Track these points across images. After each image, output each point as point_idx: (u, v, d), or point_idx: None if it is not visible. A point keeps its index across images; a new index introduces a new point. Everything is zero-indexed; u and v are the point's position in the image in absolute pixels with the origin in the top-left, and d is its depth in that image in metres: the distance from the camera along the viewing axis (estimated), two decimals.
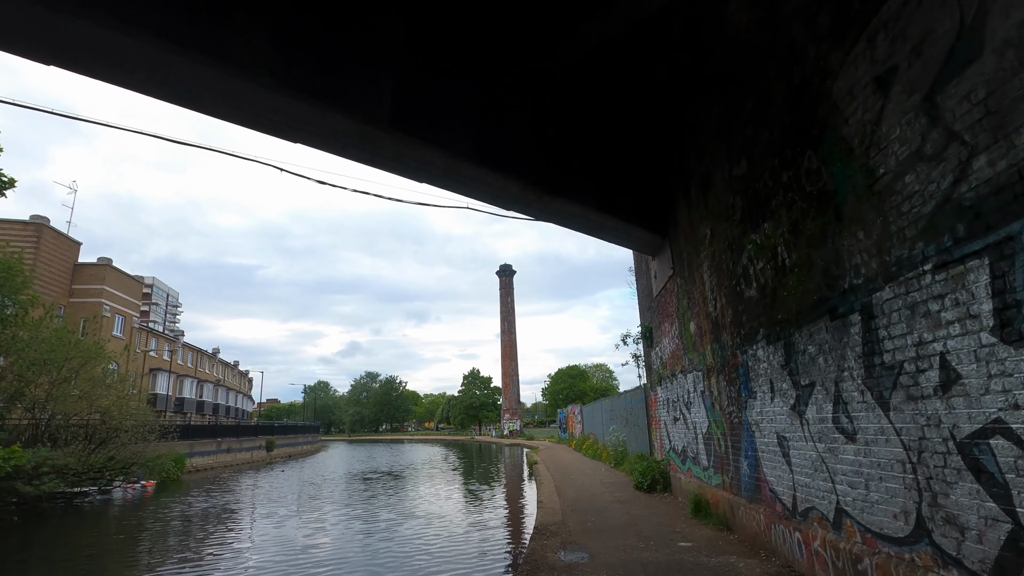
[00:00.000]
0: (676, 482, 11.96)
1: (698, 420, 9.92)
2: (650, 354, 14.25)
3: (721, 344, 8.33)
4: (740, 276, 7.29)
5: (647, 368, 14.93)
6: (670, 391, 12.13)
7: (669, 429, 12.49)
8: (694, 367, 10.00)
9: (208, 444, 36.85)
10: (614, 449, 20.15)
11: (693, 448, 10.40)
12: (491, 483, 21.98)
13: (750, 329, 7.08)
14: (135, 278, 40.79)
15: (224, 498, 19.73)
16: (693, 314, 9.80)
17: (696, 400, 9.98)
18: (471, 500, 16.73)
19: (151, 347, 43.15)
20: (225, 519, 15.04)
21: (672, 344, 11.64)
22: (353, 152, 7.33)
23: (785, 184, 5.83)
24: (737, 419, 7.78)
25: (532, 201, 9.29)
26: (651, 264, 13.26)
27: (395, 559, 9.45)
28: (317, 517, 14.43)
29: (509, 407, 74.38)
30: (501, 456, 42.38)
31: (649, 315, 14.05)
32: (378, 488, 21.20)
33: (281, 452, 49.14)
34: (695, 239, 9.37)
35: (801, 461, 5.81)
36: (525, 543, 9.58)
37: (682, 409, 11.12)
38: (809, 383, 5.53)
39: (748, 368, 7.23)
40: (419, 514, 14.16)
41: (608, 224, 10.42)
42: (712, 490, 9.15)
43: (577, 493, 13.74)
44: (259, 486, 24.02)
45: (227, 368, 69.53)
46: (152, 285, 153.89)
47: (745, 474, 7.55)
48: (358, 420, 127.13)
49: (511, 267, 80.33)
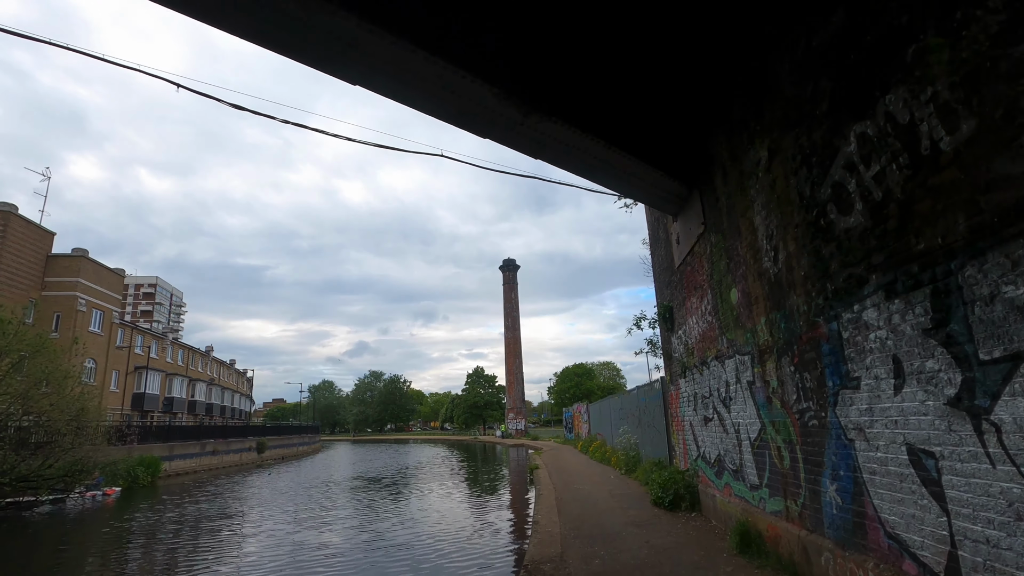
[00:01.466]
0: (708, 500, 9.40)
1: (743, 421, 7.37)
2: (670, 340, 11.69)
3: (785, 312, 5.77)
4: (828, 201, 4.74)
5: (665, 357, 12.36)
6: (698, 384, 9.57)
7: (697, 432, 9.94)
8: (736, 350, 7.45)
9: (191, 446, 34.62)
10: (625, 453, 17.59)
11: (734, 458, 7.84)
12: (484, 493, 19.48)
13: (848, 280, 4.52)
14: (115, 271, 38.61)
15: (190, 508, 17.35)
16: (736, 278, 7.24)
17: (740, 394, 7.42)
18: (455, 517, 14.24)
19: (126, 342, 40.95)
20: (173, 535, 12.65)
21: (702, 324, 9.08)
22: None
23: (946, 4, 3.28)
24: (816, 420, 5.22)
25: (517, 122, 6.77)
26: (671, 227, 10.70)
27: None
28: (273, 535, 12.00)
29: (513, 406, 71.85)
30: (501, 458, 39.95)
31: (669, 292, 11.49)
32: (355, 498, 18.75)
33: (274, 454, 46.93)
34: (740, 173, 6.82)
35: (973, 497, 3.26)
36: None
37: (716, 407, 8.57)
38: (1005, 357, 2.97)
39: (842, 342, 4.67)
40: (387, 538, 11.68)
41: (617, 163, 7.87)
42: (767, 518, 6.59)
43: (581, 509, 11.21)
44: (236, 493, 21.64)
45: (222, 367, 67.46)
46: (156, 285, 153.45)
47: (832, 503, 4.99)
48: (362, 420, 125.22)
49: (515, 261, 77.77)
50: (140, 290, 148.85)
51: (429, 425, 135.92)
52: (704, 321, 8.92)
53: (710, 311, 8.56)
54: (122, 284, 39.45)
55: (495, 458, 40.60)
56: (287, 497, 20.10)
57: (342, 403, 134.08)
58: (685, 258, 9.78)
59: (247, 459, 41.65)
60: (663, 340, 12.48)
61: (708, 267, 8.48)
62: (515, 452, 45.23)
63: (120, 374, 41.12)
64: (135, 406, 42.93)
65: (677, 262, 10.40)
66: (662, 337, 12.67)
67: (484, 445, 60.38)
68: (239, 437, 42.41)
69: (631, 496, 12.59)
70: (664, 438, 13.58)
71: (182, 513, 16.43)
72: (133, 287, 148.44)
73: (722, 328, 8.01)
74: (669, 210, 10.06)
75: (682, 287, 10.28)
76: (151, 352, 46.95)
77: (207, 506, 17.87)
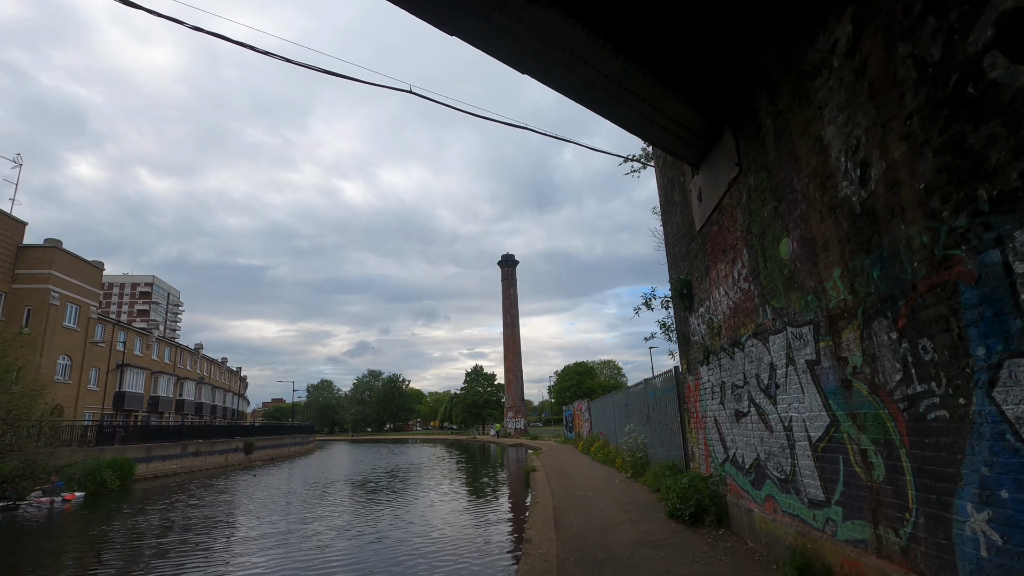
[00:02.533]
0: (740, 515, 7.57)
1: (798, 415, 5.54)
2: (687, 321, 9.86)
3: (882, 254, 3.95)
4: (981, 53, 2.91)
5: (681, 342, 10.53)
6: (727, 371, 7.75)
7: (724, 430, 8.11)
8: (788, 321, 5.62)
9: (171, 447, 32.85)
10: (631, 455, 15.76)
11: (781, 464, 6.02)
12: (474, 499, 17.67)
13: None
14: (93, 263, 36.77)
15: (150, 517, 15.54)
16: (790, 223, 5.42)
17: (793, 379, 5.60)
18: (436, 530, 12.42)
19: (107, 338, 39.17)
20: (117, 552, 10.82)
21: (733, 294, 7.26)
22: None
23: None
24: (946, 411, 3.40)
25: (494, 7, 4.94)
26: (691, 185, 8.88)
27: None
28: (230, 551, 10.18)
29: (513, 404, 70.00)
30: (498, 459, 38.15)
31: (686, 264, 9.67)
32: (331, 506, 16.93)
33: (263, 455, 45.16)
34: (798, 76, 4.98)
35: None
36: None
37: (754, 398, 6.75)
38: None
39: (1012, 280, 2.84)
40: (348, 561, 9.87)
41: (628, 81, 6.04)
42: (840, 549, 4.76)
43: (583, 522, 9.39)
44: (209, 498, 19.83)
45: (213, 365, 65.65)
46: (152, 284, 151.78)
47: (978, 541, 3.16)
48: (360, 419, 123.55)
49: (513, 257, 75.89)
50: (136, 289, 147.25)
51: (429, 424, 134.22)
52: (737, 291, 7.10)
53: (746, 276, 6.73)
54: (100, 277, 37.63)
55: (492, 459, 38.82)
56: (259, 503, 18.33)
57: (340, 403, 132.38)
58: (710, 216, 7.95)
59: (233, 460, 39.88)
60: (678, 322, 10.64)
61: (744, 220, 6.65)
62: (513, 452, 43.45)
63: (100, 372, 39.32)
64: (116, 405, 41.14)
65: (699, 224, 8.57)
66: (676, 319, 10.84)
67: (482, 445, 58.63)
68: (225, 437, 40.63)
69: (641, 505, 10.77)
70: (678, 437, 11.75)
71: (135, 524, 14.63)
72: (129, 286, 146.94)
73: (764, 295, 6.19)
74: (689, 158, 8.22)
75: (704, 255, 8.45)
76: (135, 349, 45.18)
77: (170, 515, 16.07)
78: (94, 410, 38.49)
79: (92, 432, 27.54)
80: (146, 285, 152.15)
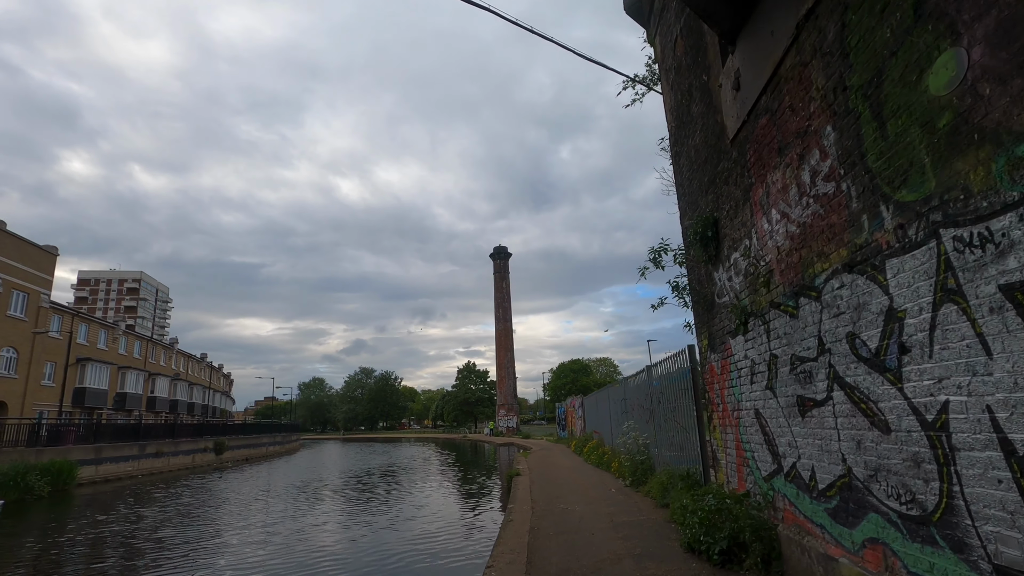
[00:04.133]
0: (808, 563, 4.86)
1: (972, 397, 2.85)
2: (711, 277, 7.16)
3: None
4: None
5: (699, 309, 7.82)
6: (785, 337, 5.06)
7: (774, 427, 5.43)
8: (953, 216, 2.94)
9: (126, 447, 30.03)
10: (630, 458, 13.06)
11: (912, 487, 3.33)
12: (440, 514, 15.00)
13: None
14: (45, 248, 33.82)
15: (64, 534, 12.77)
16: (962, 18, 2.74)
17: (965, 328, 2.91)
18: (382, 559, 9.74)
19: (66, 330, 36.26)
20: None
21: (799, 213, 4.57)
22: None
23: None
24: None
25: None
26: (722, 75, 6.19)
27: None
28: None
29: (505, 402, 67.28)
30: (485, 459, 35.51)
31: (710, 197, 6.96)
32: (279, 516, 14.21)
33: (236, 455, 42.35)
34: None
35: None
36: None
37: (842, 373, 4.07)
38: None
39: None
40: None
41: None
42: None
43: (567, 558, 6.68)
44: (152, 506, 17.06)
45: (191, 361, 62.64)
46: (140, 280, 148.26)
47: None
48: (351, 417, 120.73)
49: (506, 249, 73.13)
50: (124, 285, 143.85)
51: (423, 423, 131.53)
52: (808, 204, 4.40)
53: (829, 171, 4.04)
54: (54, 263, 34.67)
55: (478, 460, 36.20)
56: (204, 511, 15.65)
57: (332, 401, 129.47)
58: (756, 104, 5.24)
59: (202, 461, 37.10)
60: (696, 283, 7.93)
61: (828, 77, 3.96)
62: (504, 451, 40.84)
63: (56, 366, 36.41)
64: (76, 402, 38.24)
65: (734, 127, 5.87)
66: (693, 279, 8.12)
67: (472, 444, 55.97)
68: (192, 437, 37.81)
69: (645, 529, 8.08)
70: (693, 437, 9.05)
71: (29, 544, 11.88)
72: (116, 283, 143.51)
73: (876, 190, 3.50)
74: (723, 21, 5.52)
75: (743, 171, 5.76)
76: (99, 342, 42.27)
77: (89, 532, 13.29)
78: (49, 407, 35.62)
79: (44, 431, 24.65)
80: (133, 281, 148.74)
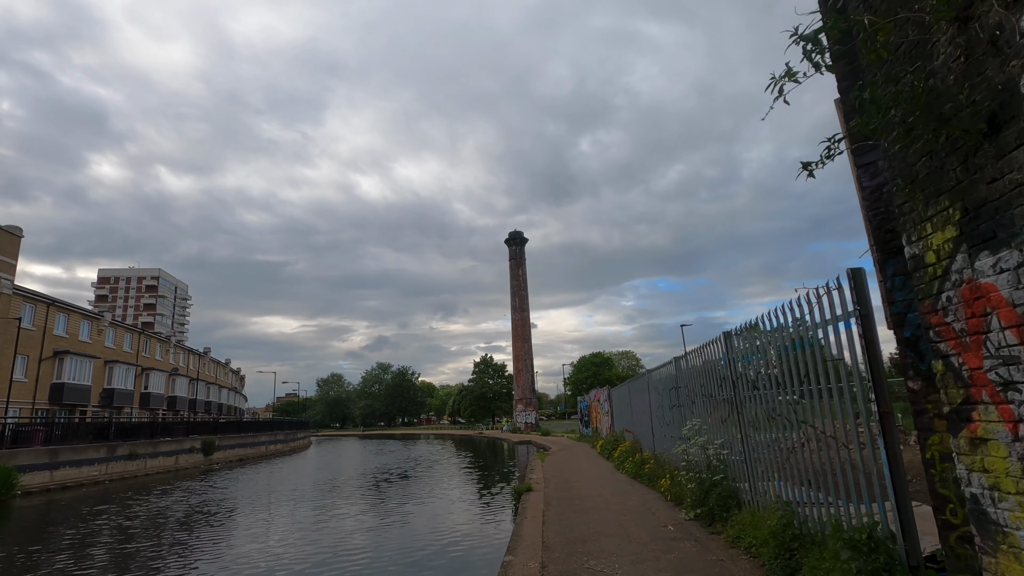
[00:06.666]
0: None
1: None
2: (997, 43, 2.63)
3: None
4: None
5: (923, 138, 3.28)
6: None
7: None
8: None
9: (91, 449, 26.48)
10: (694, 476, 8.50)
11: None
12: (427, 546, 10.72)
13: None
14: (8, 228, 30.57)
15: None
16: None
17: None
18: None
19: (40, 320, 33.00)
20: None
21: None
22: None
23: None
24: None
25: None
26: None
27: None
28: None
29: (523, 396, 62.90)
30: (500, 460, 31.26)
31: None
32: (245, 536, 10.08)
33: (229, 455, 38.85)
34: None
35: None
36: None
37: None
38: None
39: None
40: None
41: None
42: None
43: None
44: (84, 526, 13.20)
45: (191, 355, 59.70)
46: (158, 278, 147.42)
47: None
48: (369, 413, 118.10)
49: (522, 234, 68.62)
50: (143, 283, 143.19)
51: (442, 418, 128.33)
52: None
53: None
54: (18, 245, 31.44)
55: (492, 461, 31.92)
56: (146, 532, 11.66)
57: (350, 396, 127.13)
58: None
59: (188, 463, 33.59)
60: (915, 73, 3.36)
61: None
62: (521, 450, 36.62)
63: (30, 360, 33.26)
64: (54, 399, 35.12)
65: None
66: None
67: (489, 441, 51.91)
68: (177, 436, 34.37)
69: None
70: (858, 459, 4.53)
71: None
72: (135, 280, 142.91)
73: None
74: None
75: None
76: (81, 334, 39.17)
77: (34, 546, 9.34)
78: (22, 405, 32.53)
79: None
80: (152, 279, 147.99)
